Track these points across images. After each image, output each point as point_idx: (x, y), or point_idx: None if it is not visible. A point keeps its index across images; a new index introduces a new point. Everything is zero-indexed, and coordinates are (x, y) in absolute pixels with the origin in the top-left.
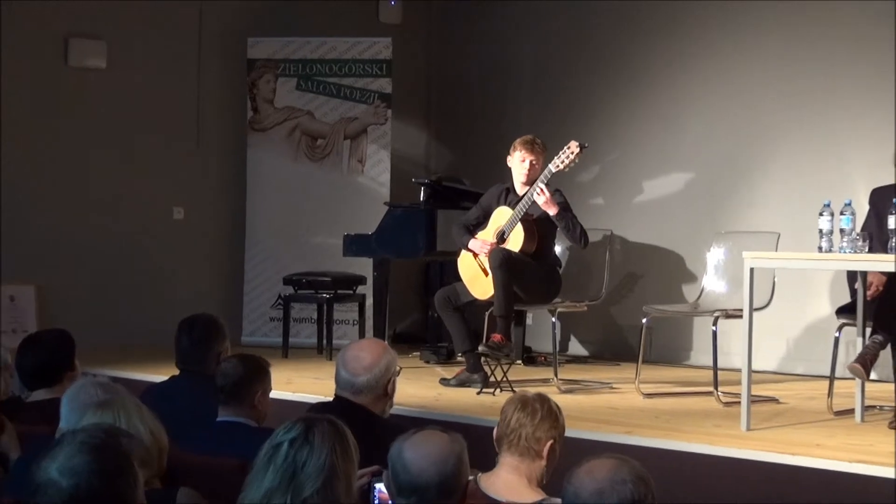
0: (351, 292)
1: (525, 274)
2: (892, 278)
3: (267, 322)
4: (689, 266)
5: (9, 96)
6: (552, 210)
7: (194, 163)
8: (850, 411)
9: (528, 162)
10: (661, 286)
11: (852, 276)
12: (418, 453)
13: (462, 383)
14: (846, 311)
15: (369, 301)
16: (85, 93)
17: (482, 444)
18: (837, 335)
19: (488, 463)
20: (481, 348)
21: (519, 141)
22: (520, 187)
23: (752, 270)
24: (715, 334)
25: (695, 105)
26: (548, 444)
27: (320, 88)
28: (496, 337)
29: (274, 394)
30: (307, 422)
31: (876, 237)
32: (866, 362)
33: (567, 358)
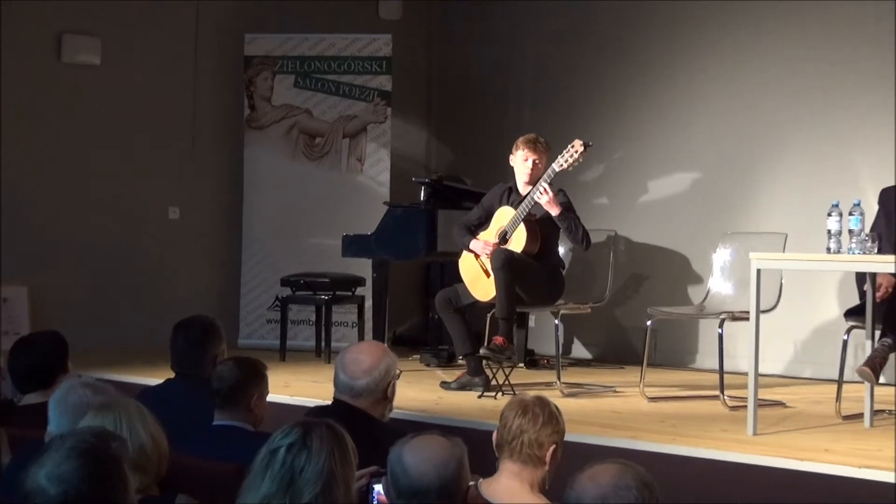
0: (350, 294)
1: (527, 275)
2: None
3: (264, 324)
4: (695, 267)
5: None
6: (555, 210)
7: (190, 161)
8: (859, 416)
9: (531, 161)
10: (666, 288)
11: (861, 278)
12: (418, 457)
13: (463, 387)
14: (855, 314)
15: (368, 303)
16: (79, 90)
17: (483, 449)
18: (846, 338)
19: (489, 468)
20: (483, 351)
21: (521, 140)
22: (522, 187)
23: (759, 272)
24: (721, 337)
25: (701, 103)
26: (550, 450)
27: (319, 86)
28: (498, 339)
29: (271, 397)
30: (305, 426)
31: (885, 238)
32: (875, 366)
33: (570, 361)
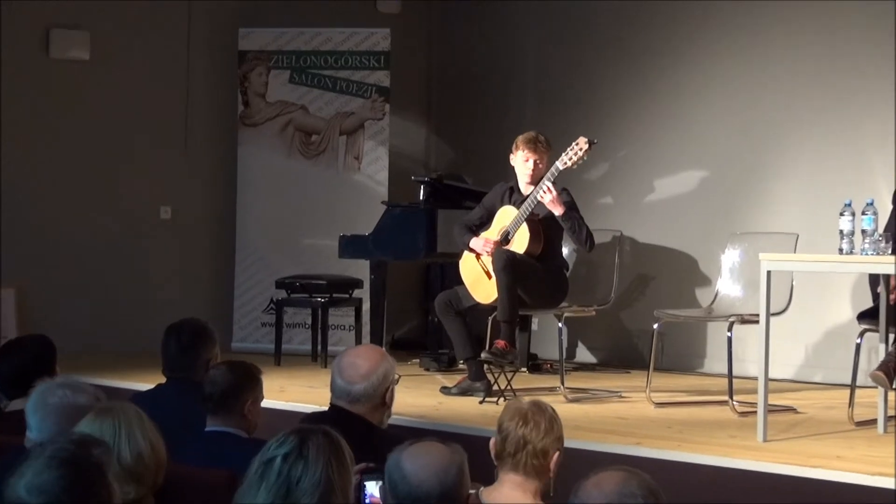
0: (347, 296)
1: (530, 277)
2: None
3: (258, 328)
4: (703, 269)
5: None
6: (558, 210)
7: (182, 159)
8: (872, 422)
9: (532, 162)
10: (674, 290)
11: (874, 280)
12: (418, 463)
13: (464, 392)
14: (868, 317)
15: (366, 305)
16: (67, 86)
17: (484, 456)
18: (859, 341)
19: (490, 476)
20: (484, 355)
21: (521, 139)
22: (524, 187)
23: (769, 273)
24: (730, 340)
25: (709, 99)
26: (555, 457)
27: (315, 82)
28: (500, 343)
29: (265, 403)
30: (300, 434)
31: None
32: (889, 370)
33: (574, 365)
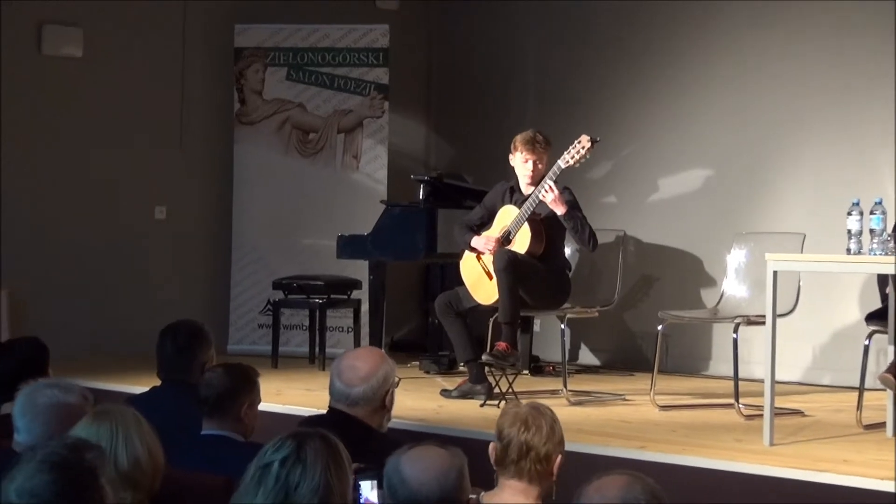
0: (345, 297)
1: (532, 277)
2: None
3: (255, 329)
4: (708, 269)
5: None
6: (560, 209)
7: (177, 158)
8: (881, 425)
9: (531, 163)
10: (678, 290)
11: (883, 280)
12: (417, 467)
13: (464, 395)
14: (876, 318)
15: (365, 307)
16: (60, 84)
17: (485, 460)
18: (867, 343)
19: (491, 480)
20: (485, 357)
21: (519, 140)
22: (525, 187)
23: (776, 274)
24: (736, 342)
25: (714, 96)
26: (557, 461)
27: (312, 79)
28: (501, 345)
29: (262, 406)
30: (297, 438)
31: None
32: None
33: (577, 367)
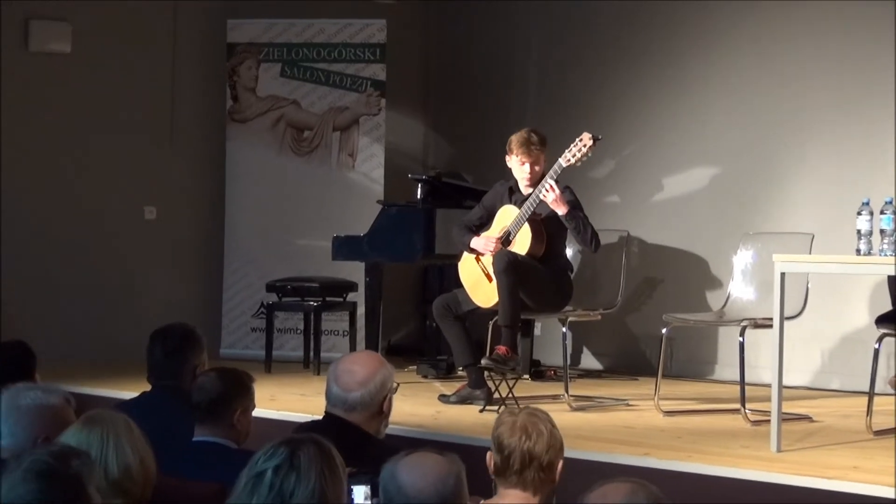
0: (341, 300)
1: (532, 279)
2: None
3: (248, 333)
4: (714, 271)
5: None
6: (562, 209)
7: (168, 157)
8: (892, 431)
9: (528, 166)
10: (683, 293)
11: (894, 282)
12: (415, 474)
13: (463, 400)
14: (887, 321)
15: (361, 310)
16: (47, 80)
17: (484, 467)
18: (877, 347)
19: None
20: (484, 362)
21: (515, 142)
22: (524, 189)
23: (783, 275)
24: (742, 346)
25: (720, 94)
26: (559, 466)
27: (307, 75)
28: (501, 349)
29: (256, 412)
30: (290, 445)
31: None
32: None
33: (579, 372)
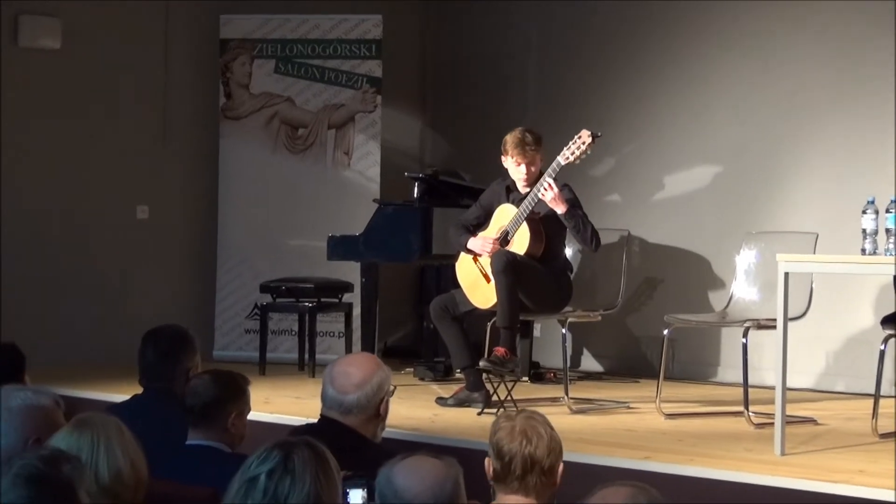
0: (336, 301)
1: (532, 279)
2: None
3: (242, 334)
4: (716, 270)
5: None
6: (561, 208)
7: (160, 155)
8: None
9: (523, 167)
10: (685, 293)
11: None
12: (411, 478)
13: (461, 403)
14: (893, 321)
15: (357, 311)
16: (37, 76)
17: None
18: (883, 348)
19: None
20: (482, 364)
21: (509, 142)
22: (522, 188)
23: (787, 275)
24: (745, 347)
25: (722, 90)
26: (560, 469)
27: (302, 72)
28: (499, 351)
29: (250, 415)
30: (283, 448)
31: None
32: None
33: (579, 374)
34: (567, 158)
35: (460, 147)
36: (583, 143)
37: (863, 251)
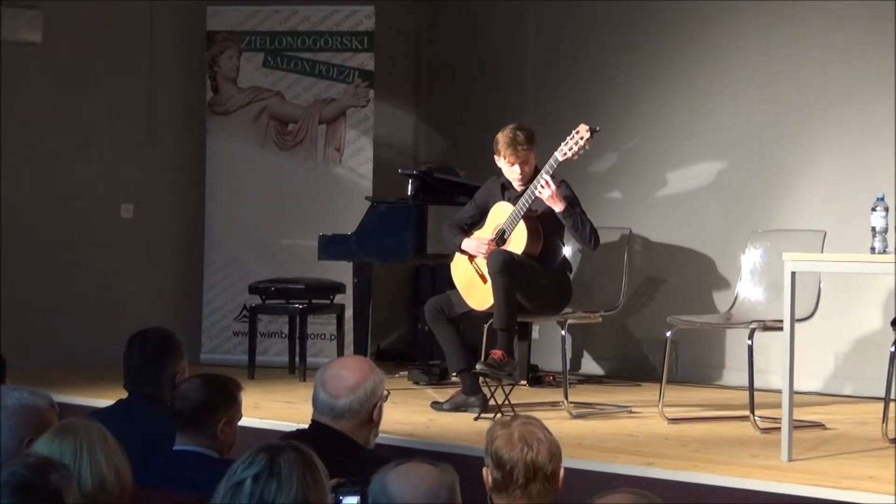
0: (328, 302)
1: (530, 280)
2: None
3: (230, 337)
4: (721, 270)
5: None
6: (558, 206)
7: (145, 152)
8: None
9: (517, 167)
10: (688, 293)
11: None
12: (405, 485)
13: (457, 407)
14: None
15: (349, 312)
16: (17, 70)
17: (479, 477)
18: (893, 350)
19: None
20: (479, 367)
21: (501, 142)
22: (517, 186)
23: (794, 275)
24: (751, 349)
25: (726, 85)
26: (561, 473)
27: (291, 65)
28: (496, 353)
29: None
30: (269, 452)
31: None
32: None
33: (579, 377)
34: (565, 154)
35: (455, 143)
36: (581, 139)
37: (872, 250)
